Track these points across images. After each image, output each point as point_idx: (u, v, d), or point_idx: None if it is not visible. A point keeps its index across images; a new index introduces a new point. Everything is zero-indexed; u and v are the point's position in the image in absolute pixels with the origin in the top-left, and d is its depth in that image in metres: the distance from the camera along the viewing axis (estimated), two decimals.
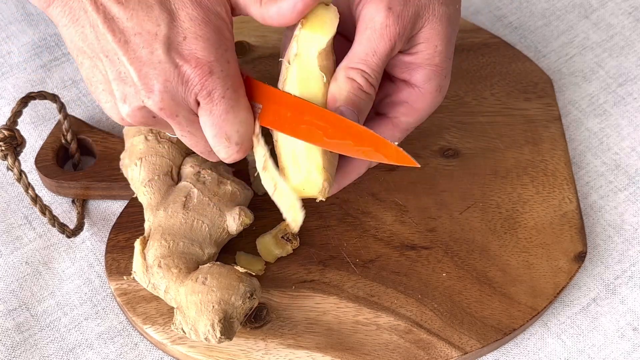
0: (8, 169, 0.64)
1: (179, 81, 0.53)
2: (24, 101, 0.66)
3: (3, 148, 0.63)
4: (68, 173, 0.69)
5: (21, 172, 0.64)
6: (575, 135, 0.76)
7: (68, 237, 0.67)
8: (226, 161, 0.57)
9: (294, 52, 0.55)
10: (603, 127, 0.76)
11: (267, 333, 0.63)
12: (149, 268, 0.61)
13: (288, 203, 0.56)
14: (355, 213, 0.69)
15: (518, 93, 0.75)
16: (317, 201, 0.57)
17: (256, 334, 0.63)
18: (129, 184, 0.66)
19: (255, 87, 0.56)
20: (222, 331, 0.58)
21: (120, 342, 0.65)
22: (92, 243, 0.69)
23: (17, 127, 0.65)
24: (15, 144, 0.64)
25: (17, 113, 0.65)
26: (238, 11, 0.56)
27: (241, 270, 0.60)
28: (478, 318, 0.64)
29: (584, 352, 0.66)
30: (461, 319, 0.64)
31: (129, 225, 0.67)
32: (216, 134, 0.55)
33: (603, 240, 0.71)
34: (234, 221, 0.63)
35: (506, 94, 0.75)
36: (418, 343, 0.63)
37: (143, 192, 0.64)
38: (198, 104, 0.54)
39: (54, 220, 0.65)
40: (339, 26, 0.56)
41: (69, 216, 0.70)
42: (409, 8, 0.56)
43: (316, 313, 0.64)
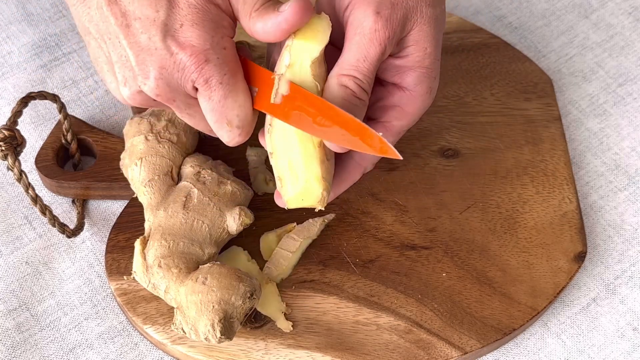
0: (8, 169, 0.64)
1: (175, 68, 0.53)
2: (24, 101, 0.66)
3: (3, 148, 0.63)
4: (68, 173, 0.69)
5: (21, 172, 0.64)
6: (575, 135, 0.76)
7: (68, 237, 0.67)
8: (229, 144, 0.57)
9: (287, 63, 0.55)
10: (603, 127, 0.76)
11: (267, 333, 0.63)
12: (149, 268, 0.61)
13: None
14: (355, 213, 0.69)
15: (518, 93, 0.75)
16: (316, 210, 0.57)
17: (256, 334, 0.63)
18: (129, 184, 0.66)
19: (251, 70, 0.56)
20: (222, 331, 0.58)
21: (120, 342, 0.65)
22: (92, 243, 0.69)
23: (17, 127, 0.65)
24: (15, 144, 0.64)
25: (17, 113, 0.65)
26: (235, 15, 0.56)
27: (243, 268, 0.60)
28: (478, 318, 0.64)
29: (584, 352, 0.66)
30: (461, 319, 0.64)
31: (129, 225, 0.67)
32: (217, 119, 0.56)
33: (603, 240, 0.71)
34: (234, 221, 0.63)
35: (506, 94, 0.75)
36: (418, 343, 0.63)
37: (143, 192, 0.64)
38: (196, 89, 0.55)
39: (54, 220, 0.65)
40: None
41: (69, 216, 0.70)
42: (397, 11, 0.55)
43: (316, 313, 0.64)
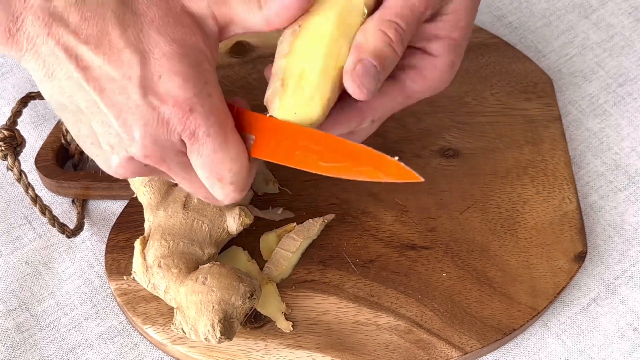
0: (8, 169, 0.64)
1: (159, 124, 0.50)
2: (24, 101, 0.66)
3: (3, 148, 0.63)
4: (68, 173, 0.69)
5: (21, 172, 0.64)
6: (575, 135, 0.76)
7: (68, 237, 0.67)
8: (225, 202, 0.54)
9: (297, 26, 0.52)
10: (603, 127, 0.76)
11: (267, 333, 0.63)
12: (149, 268, 0.61)
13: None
14: (355, 213, 0.69)
15: (518, 93, 0.75)
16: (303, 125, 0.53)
17: (256, 334, 0.63)
18: (129, 184, 0.66)
19: (246, 118, 0.53)
20: (222, 331, 0.58)
21: (120, 342, 0.65)
22: (92, 243, 0.69)
23: (17, 127, 0.65)
24: (15, 144, 0.64)
25: (17, 113, 0.65)
26: (233, 28, 0.53)
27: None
28: (478, 318, 0.64)
29: (584, 352, 0.66)
30: (461, 319, 0.64)
31: (129, 225, 0.67)
32: (208, 176, 0.52)
33: (603, 240, 0.71)
34: (234, 221, 0.63)
35: (506, 94, 0.75)
36: (418, 343, 0.63)
37: (143, 192, 0.64)
38: (185, 145, 0.51)
39: (54, 220, 0.65)
40: None
41: (69, 216, 0.70)
42: None
43: (316, 313, 0.64)
